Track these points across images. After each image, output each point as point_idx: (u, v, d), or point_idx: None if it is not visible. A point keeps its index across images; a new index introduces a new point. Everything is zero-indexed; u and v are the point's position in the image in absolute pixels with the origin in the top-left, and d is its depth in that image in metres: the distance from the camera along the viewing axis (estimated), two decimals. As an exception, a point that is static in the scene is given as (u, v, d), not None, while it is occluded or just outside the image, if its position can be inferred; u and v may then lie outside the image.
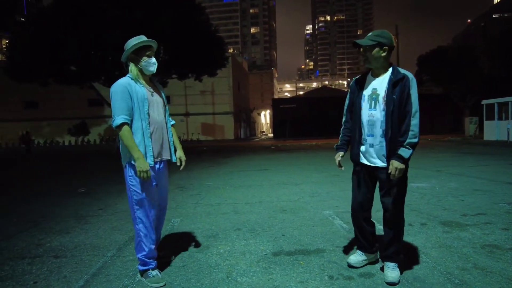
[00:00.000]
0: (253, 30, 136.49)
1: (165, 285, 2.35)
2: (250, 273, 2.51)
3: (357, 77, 2.54)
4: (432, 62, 29.38)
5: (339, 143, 2.60)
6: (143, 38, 2.42)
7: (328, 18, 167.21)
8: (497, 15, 54.51)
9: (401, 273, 2.37)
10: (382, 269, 2.44)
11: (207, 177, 7.76)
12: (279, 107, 38.29)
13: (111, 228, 3.83)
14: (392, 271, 2.31)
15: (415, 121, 2.21)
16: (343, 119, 2.62)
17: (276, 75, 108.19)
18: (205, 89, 36.91)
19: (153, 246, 2.45)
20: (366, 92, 2.40)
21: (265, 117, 70.83)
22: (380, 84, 2.34)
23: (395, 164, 2.21)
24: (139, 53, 2.40)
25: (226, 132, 40.09)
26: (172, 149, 2.61)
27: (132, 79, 2.39)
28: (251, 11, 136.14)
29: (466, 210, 4.08)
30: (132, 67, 2.41)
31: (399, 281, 2.27)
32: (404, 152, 2.20)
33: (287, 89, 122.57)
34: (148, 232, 2.41)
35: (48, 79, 19.31)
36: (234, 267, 2.63)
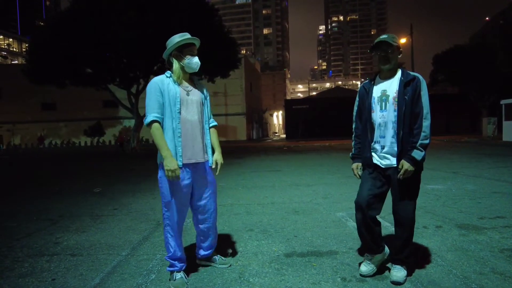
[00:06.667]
0: (265, 31, 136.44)
1: None
2: (262, 274, 2.52)
3: (365, 81, 2.54)
4: (449, 61, 28.72)
5: (354, 152, 2.56)
6: (187, 35, 2.34)
7: (341, 18, 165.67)
8: (517, 13, 52.80)
9: (410, 275, 2.36)
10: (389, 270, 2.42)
11: (219, 178, 7.79)
12: (292, 108, 38.20)
13: (125, 227, 3.90)
14: (398, 271, 2.32)
15: (426, 123, 2.21)
16: (354, 126, 2.58)
17: (289, 76, 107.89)
18: (217, 90, 37.15)
19: (179, 249, 2.39)
20: (376, 94, 2.39)
21: (277, 118, 70.72)
22: (389, 85, 2.34)
23: (406, 165, 2.20)
24: (182, 50, 2.34)
25: (239, 133, 40.26)
26: (209, 151, 2.49)
27: (167, 77, 2.35)
28: (263, 12, 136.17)
29: (483, 213, 3.98)
30: (175, 64, 2.35)
31: (404, 281, 2.28)
32: (417, 154, 2.20)
33: (299, 90, 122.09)
34: (174, 235, 2.38)
35: (65, 81, 19.85)
36: (247, 268, 2.64)
